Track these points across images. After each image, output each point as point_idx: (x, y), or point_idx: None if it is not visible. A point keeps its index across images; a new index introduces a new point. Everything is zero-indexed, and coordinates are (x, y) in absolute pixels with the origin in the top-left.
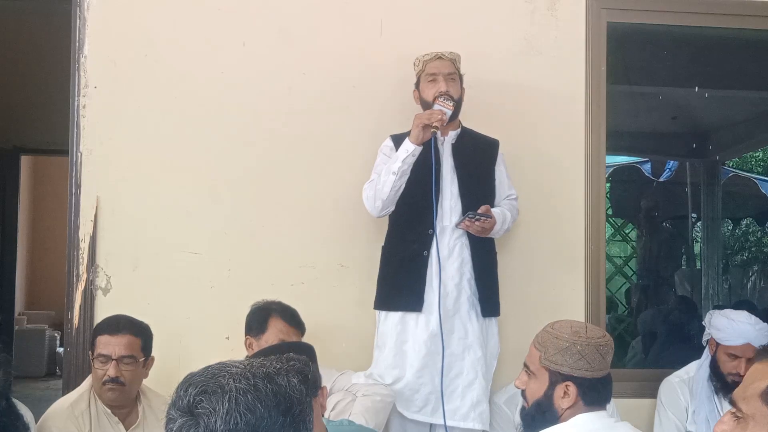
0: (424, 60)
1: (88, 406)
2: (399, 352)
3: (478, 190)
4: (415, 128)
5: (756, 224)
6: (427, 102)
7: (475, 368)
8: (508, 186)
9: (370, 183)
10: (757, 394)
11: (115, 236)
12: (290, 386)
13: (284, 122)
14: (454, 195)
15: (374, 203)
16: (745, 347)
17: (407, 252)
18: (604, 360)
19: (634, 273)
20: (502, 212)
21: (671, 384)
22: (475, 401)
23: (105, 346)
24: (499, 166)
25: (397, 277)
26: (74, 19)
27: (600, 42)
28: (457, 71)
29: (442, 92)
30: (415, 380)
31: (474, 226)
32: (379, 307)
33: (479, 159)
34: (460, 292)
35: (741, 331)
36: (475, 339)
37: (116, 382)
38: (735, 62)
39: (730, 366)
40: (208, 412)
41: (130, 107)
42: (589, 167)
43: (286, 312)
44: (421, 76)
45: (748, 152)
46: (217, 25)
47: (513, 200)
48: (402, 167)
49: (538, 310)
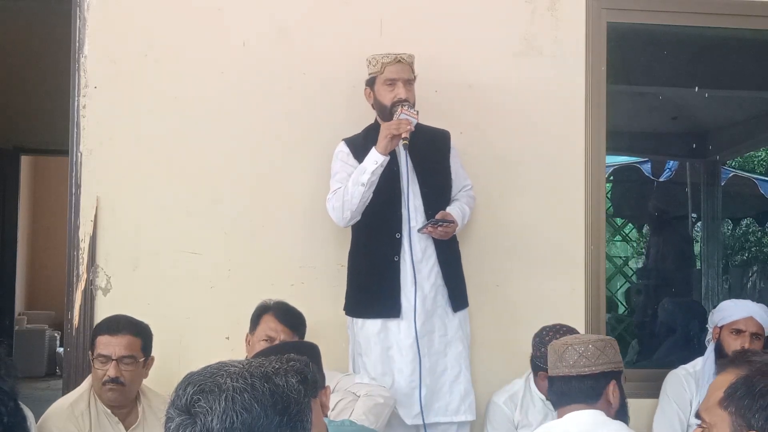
0: (382, 62)
1: (88, 406)
2: (386, 358)
3: (436, 184)
4: (383, 139)
5: (756, 224)
6: (383, 105)
7: (458, 362)
8: (463, 177)
9: (334, 193)
10: (716, 403)
11: (115, 236)
12: (288, 386)
13: (284, 122)
14: (416, 194)
15: (342, 214)
16: (748, 320)
17: (376, 258)
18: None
19: (634, 273)
20: (461, 208)
21: (677, 376)
22: (463, 394)
23: (105, 346)
24: (453, 158)
25: (370, 284)
26: (74, 19)
27: (600, 42)
28: (413, 73)
29: (401, 99)
30: (406, 385)
31: (437, 231)
32: (355, 314)
33: (432, 153)
34: (436, 292)
35: (744, 306)
36: (454, 334)
37: (116, 382)
38: (735, 62)
39: (735, 344)
40: (205, 410)
41: (130, 107)
42: (589, 167)
43: (280, 310)
44: (377, 77)
45: (748, 152)
46: (217, 25)
47: (469, 191)
48: (371, 178)
49: (538, 310)
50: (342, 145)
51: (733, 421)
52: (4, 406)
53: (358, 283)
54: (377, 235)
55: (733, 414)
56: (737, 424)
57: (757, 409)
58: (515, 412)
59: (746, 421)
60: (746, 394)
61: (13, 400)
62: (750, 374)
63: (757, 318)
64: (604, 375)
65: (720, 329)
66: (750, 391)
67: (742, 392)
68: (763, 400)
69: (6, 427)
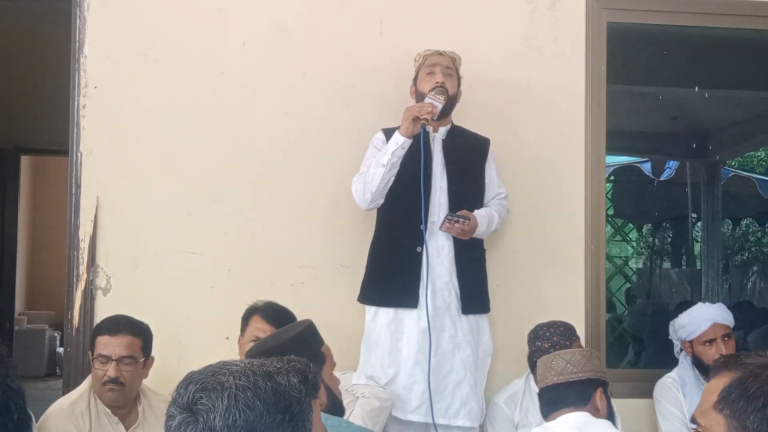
0: (424, 54)
1: (88, 406)
2: (394, 350)
3: (467, 187)
4: (405, 120)
5: (756, 224)
6: (422, 94)
7: (464, 366)
8: (498, 185)
9: (359, 175)
10: (711, 406)
11: (115, 236)
12: (290, 385)
13: (284, 122)
14: (442, 191)
15: (363, 195)
16: (714, 327)
17: (399, 247)
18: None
19: (634, 273)
20: (488, 213)
21: (665, 385)
22: (465, 399)
23: (105, 346)
24: (490, 165)
25: (390, 273)
26: (74, 19)
27: (600, 42)
28: (456, 70)
29: (438, 83)
30: (407, 378)
31: (454, 227)
32: (370, 302)
33: (469, 156)
34: (450, 290)
35: (702, 315)
36: (464, 337)
37: (116, 382)
38: (735, 62)
39: (712, 354)
40: (208, 408)
41: (130, 107)
42: (589, 167)
43: (268, 311)
44: (420, 70)
45: (748, 152)
46: (217, 25)
47: (502, 199)
48: (391, 159)
49: (538, 310)
50: (379, 133)
51: (729, 424)
52: (14, 404)
53: (378, 271)
54: (401, 224)
55: (728, 417)
56: (733, 427)
57: (752, 411)
58: (515, 412)
59: (741, 423)
60: (741, 396)
61: (21, 398)
62: (744, 376)
63: (720, 320)
64: (591, 382)
65: (690, 343)
66: (744, 393)
67: (737, 394)
68: (758, 401)
69: (16, 424)
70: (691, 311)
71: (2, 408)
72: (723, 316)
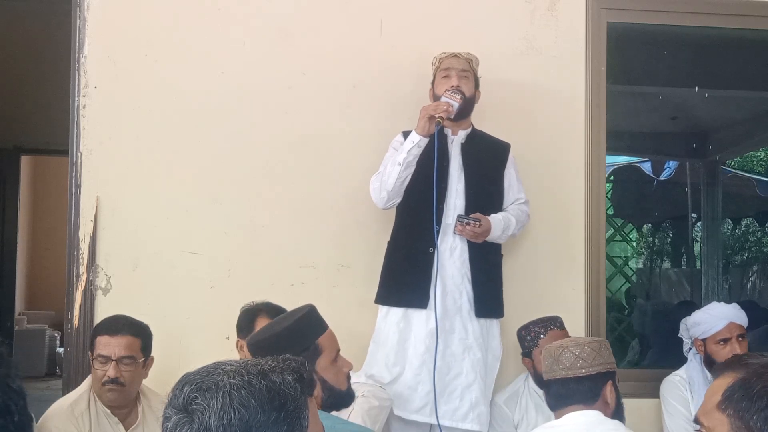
0: (440, 57)
1: (88, 406)
2: (401, 349)
3: (485, 190)
4: (421, 119)
5: (756, 224)
6: (438, 97)
7: (474, 369)
8: (517, 189)
9: (377, 174)
10: (714, 406)
11: (115, 236)
12: (284, 383)
13: (284, 122)
14: (459, 193)
15: (380, 194)
16: (730, 327)
17: (412, 247)
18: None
19: (634, 273)
20: (505, 217)
21: (673, 382)
22: (474, 402)
23: (105, 346)
24: (509, 169)
25: (401, 273)
26: (74, 19)
27: (600, 42)
28: (473, 71)
29: (453, 86)
30: (412, 378)
31: (466, 230)
32: (382, 302)
33: (488, 160)
34: (461, 292)
35: (719, 314)
36: (474, 340)
37: (116, 382)
38: (735, 62)
39: (725, 353)
40: (203, 408)
41: (130, 107)
42: (589, 167)
43: (273, 312)
44: (436, 73)
45: (748, 152)
46: (217, 25)
47: (522, 204)
48: (407, 158)
49: (538, 310)
50: (399, 135)
51: (732, 424)
52: (15, 404)
53: (391, 271)
54: (416, 225)
55: (731, 416)
56: (736, 427)
57: (756, 411)
58: (515, 412)
59: (745, 423)
60: (744, 396)
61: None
62: (747, 376)
63: (736, 320)
64: (601, 376)
65: (703, 341)
66: (748, 393)
67: (740, 394)
68: (761, 401)
69: (17, 425)
70: (707, 309)
71: (3, 409)
72: (739, 316)
